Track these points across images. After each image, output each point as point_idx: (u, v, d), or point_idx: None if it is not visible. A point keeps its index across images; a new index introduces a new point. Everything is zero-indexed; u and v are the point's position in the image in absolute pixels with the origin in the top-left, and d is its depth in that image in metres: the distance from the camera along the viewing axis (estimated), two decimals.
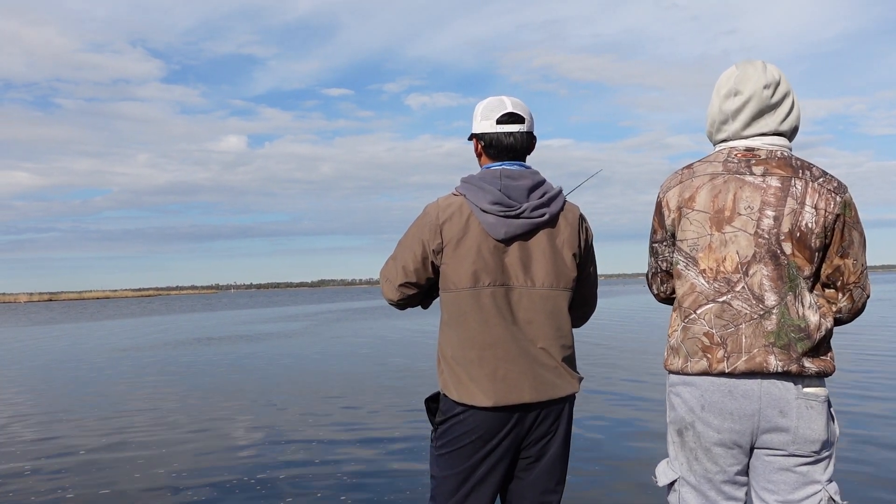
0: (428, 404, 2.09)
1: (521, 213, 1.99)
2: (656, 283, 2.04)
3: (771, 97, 1.82)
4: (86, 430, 6.70)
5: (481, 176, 2.04)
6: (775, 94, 1.82)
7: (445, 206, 2.03)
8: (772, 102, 1.82)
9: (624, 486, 4.41)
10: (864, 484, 4.26)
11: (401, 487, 4.47)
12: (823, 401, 1.79)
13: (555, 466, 2.05)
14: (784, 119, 1.84)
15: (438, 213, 2.03)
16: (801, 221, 1.76)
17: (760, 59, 1.88)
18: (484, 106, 2.10)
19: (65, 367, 12.54)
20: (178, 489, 4.57)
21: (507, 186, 2.00)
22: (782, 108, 1.84)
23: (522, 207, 1.99)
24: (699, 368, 1.80)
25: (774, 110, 1.84)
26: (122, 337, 20.87)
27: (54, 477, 4.97)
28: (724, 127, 1.88)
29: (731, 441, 1.79)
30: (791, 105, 1.85)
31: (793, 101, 1.86)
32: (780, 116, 1.84)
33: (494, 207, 1.98)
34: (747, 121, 1.84)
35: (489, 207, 1.98)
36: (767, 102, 1.82)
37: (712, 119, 1.91)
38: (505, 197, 1.99)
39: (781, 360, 1.75)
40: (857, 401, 6.89)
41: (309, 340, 16.94)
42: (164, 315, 38.34)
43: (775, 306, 1.76)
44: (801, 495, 1.78)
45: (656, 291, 2.06)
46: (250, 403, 7.93)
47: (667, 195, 1.91)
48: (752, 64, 1.85)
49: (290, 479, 4.76)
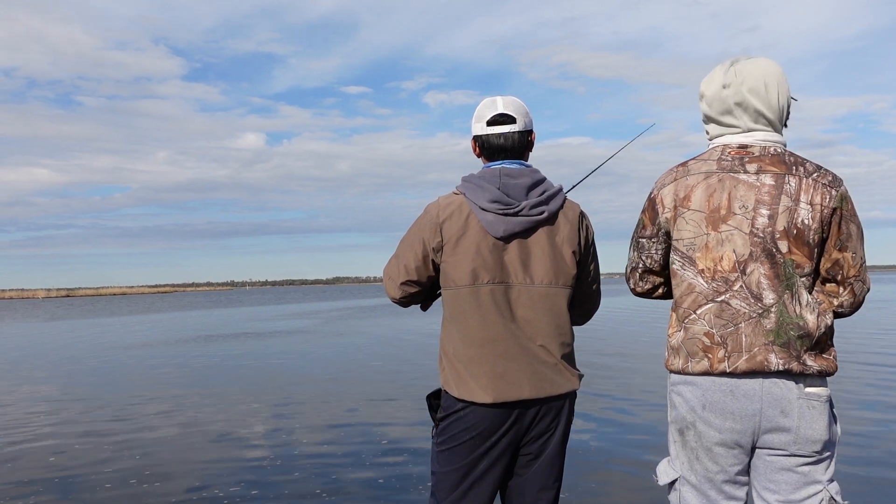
0: (429, 401, 2.11)
1: (519, 210, 2.00)
2: (634, 277, 2.05)
3: (734, 95, 1.83)
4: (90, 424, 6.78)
5: (481, 174, 2.07)
6: (738, 93, 1.82)
7: (445, 205, 2.05)
8: (738, 100, 1.82)
9: (624, 484, 4.41)
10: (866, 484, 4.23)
11: (401, 483, 4.50)
12: (825, 401, 1.79)
13: (553, 463, 2.06)
14: (759, 115, 1.83)
15: (439, 211, 2.05)
16: (796, 218, 1.76)
17: (733, 57, 1.92)
18: (479, 107, 2.12)
19: (59, 367, 12.65)
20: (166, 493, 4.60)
21: (507, 185, 2.02)
22: (754, 102, 1.84)
23: (521, 205, 2.00)
24: (700, 368, 1.81)
25: (740, 106, 1.83)
26: (112, 336, 21.02)
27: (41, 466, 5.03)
28: (706, 126, 1.93)
29: (732, 441, 1.79)
30: (765, 97, 1.84)
31: (767, 93, 1.84)
32: (752, 111, 1.83)
33: (493, 206, 1.99)
34: (720, 120, 1.86)
35: (488, 206, 2.00)
36: (734, 100, 1.83)
37: (702, 118, 1.95)
38: (504, 195, 2.00)
39: (782, 359, 1.75)
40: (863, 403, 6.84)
41: (313, 338, 17.01)
42: (165, 313, 38.61)
43: (773, 305, 1.77)
44: (803, 495, 1.78)
45: (633, 286, 2.07)
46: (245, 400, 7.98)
47: (661, 192, 1.91)
48: (721, 64, 1.90)
49: (289, 480, 4.78)
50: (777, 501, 1.80)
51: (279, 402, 7.84)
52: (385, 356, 12.24)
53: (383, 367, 10.68)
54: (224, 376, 10.20)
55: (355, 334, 17.75)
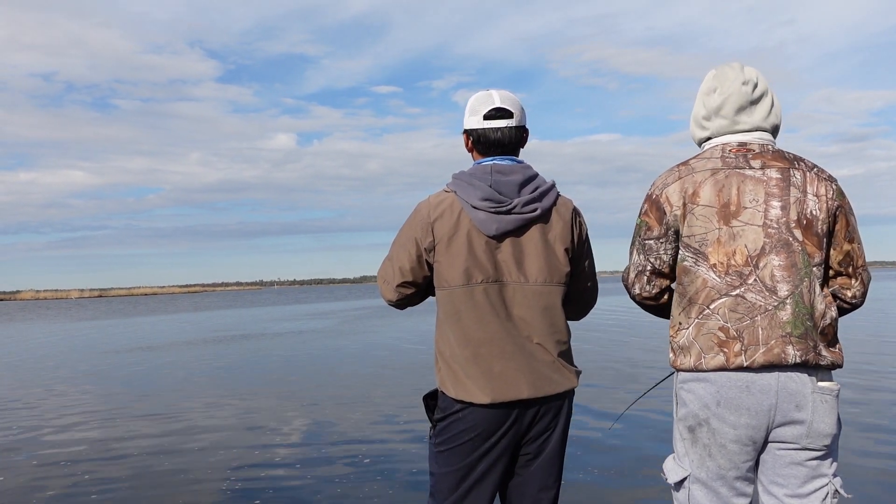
0: (426, 401, 2.07)
1: (512, 208, 1.96)
2: (641, 281, 1.97)
3: (752, 93, 1.88)
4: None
5: (472, 172, 2.02)
6: (755, 91, 1.89)
7: (436, 204, 2.01)
8: (753, 98, 1.88)
9: (622, 484, 4.38)
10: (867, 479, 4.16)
11: (399, 484, 4.50)
12: (836, 395, 1.80)
13: (553, 463, 2.03)
14: (766, 116, 1.89)
15: (430, 210, 2.01)
16: (806, 209, 1.79)
17: (738, 62, 1.94)
18: (472, 100, 2.06)
19: (47, 368, 12.87)
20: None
21: (498, 182, 1.97)
22: (763, 105, 1.90)
23: (513, 203, 1.96)
24: (716, 364, 1.78)
25: (755, 106, 1.89)
26: (111, 340, 21.27)
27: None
28: (706, 123, 1.93)
29: (746, 437, 1.79)
30: (771, 103, 1.91)
31: (772, 100, 1.92)
32: (762, 112, 1.89)
33: (485, 203, 1.95)
34: (730, 115, 1.88)
35: (480, 204, 1.95)
36: (749, 98, 1.88)
37: (696, 118, 1.96)
38: (496, 193, 1.96)
39: (799, 350, 1.75)
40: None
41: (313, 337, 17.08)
42: (186, 313, 39.05)
43: (789, 296, 1.77)
44: (810, 489, 1.78)
45: (639, 290, 1.99)
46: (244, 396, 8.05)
47: (665, 191, 1.89)
48: (730, 65, 1.93)
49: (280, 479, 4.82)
50: (785, 495, 1.80)
51: (282, 395, 7.88)
52: (394, 354, 12.26)
53: (390, 364, 10.69)
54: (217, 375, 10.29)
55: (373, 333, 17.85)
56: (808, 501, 1.78)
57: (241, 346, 15.17)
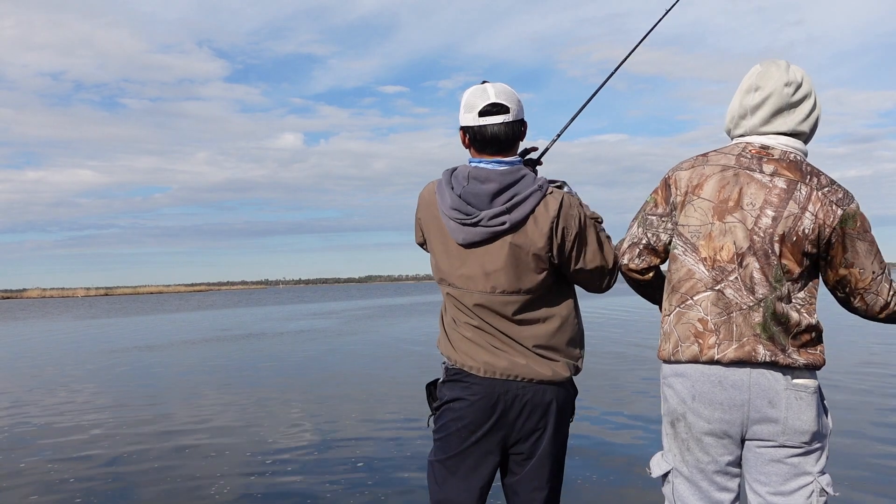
0: (429, 389, 2.15)
1: (478, 221, 1.93)
2: (632, 252, 1.99)
3: (792, 95, 1.84)
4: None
5: (452, 175, 2.02)
6: (797, 94, 1.84)
7: (423, 198, 2.09)
8: (792, 101, 1.84)
9: (621, 482, 4.39)
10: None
11: (399, 484, 4.51)
12: (813, 392, 1.80)
13: (544, 463, 2.03)
14: (804, 119, 1.86)
15: (420, 204, 2.10)
16: (798, 226, 1.77)
17: (785, 60, 1.89)
18: (468, 95, 2.00)
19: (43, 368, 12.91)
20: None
21: (469, 192, 1.94)
22: (802, 108, 1.85)
23: (479, 216, 1.92)
24: (690, 354, 1.82)
25: (794, 109, 1.85)
26: (126, 337, 21.35)
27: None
28: (742, 122, 1.90)
29: (721, 431, 1.81)
30: (812, 106, 1.87)
31: (814, 103, 1.87)
32: (799, 116, 1.85)
33: (453, 213, 1.97)
34: (766, 117, 1.86)
35: (449, 212, 1.98)
36: (788, 100, 1.84)
37: (732, 114, 1.93)
38: (464, 203, 1.94)
39: (769, 350, 1.77)
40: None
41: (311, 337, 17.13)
42: (191, 312, 39.17)
43: (763, 300, 1.79)
44: (793, 486, 1.79)
45: (627, 261, 2.00)
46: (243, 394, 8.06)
47: (676, 174, 1.94)
48: (776, 63, 1.87)
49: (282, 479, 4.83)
50: (768, 493, 1.81)
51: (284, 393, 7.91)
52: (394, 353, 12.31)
53: (395, 362, 10.73)
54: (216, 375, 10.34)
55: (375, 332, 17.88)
56: (791, 499, 1.79)
57: (244, 345, 15.21)
